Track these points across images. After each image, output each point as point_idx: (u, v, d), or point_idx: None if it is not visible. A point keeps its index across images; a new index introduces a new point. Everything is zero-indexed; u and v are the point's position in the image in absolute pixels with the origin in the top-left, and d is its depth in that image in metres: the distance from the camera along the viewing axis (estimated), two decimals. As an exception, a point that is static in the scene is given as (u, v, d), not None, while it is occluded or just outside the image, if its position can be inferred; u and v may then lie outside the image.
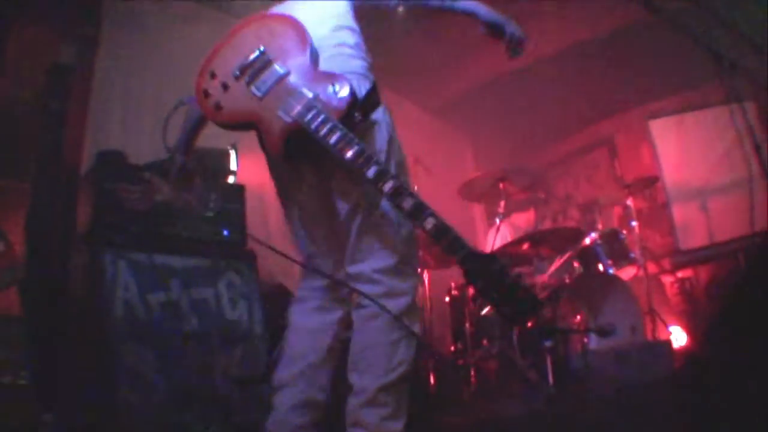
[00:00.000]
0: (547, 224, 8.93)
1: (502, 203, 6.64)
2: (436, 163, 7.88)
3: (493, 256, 2.57)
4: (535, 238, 6.41)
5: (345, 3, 3.41)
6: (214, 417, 4.28)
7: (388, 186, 2.66)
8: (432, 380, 6.19)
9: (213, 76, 3.06)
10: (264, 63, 2.99)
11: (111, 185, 4.52)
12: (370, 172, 2.69)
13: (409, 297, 3.07)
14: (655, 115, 8.55)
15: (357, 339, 3.08)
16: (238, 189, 5.19)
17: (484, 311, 6.35)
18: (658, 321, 6.50)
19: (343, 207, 3.12)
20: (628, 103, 9.04)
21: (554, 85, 8.41)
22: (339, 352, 3.30)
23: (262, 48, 3.03)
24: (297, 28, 3.08)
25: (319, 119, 2.75)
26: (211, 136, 3.67)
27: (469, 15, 3.36)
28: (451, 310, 6.86)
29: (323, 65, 3.09)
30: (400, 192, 2.66)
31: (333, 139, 2.72)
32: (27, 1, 5.68)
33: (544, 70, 8.45)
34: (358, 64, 3.24)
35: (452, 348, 6.57)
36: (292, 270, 4.62)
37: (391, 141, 3.18)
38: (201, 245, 4.78)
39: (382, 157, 3.05)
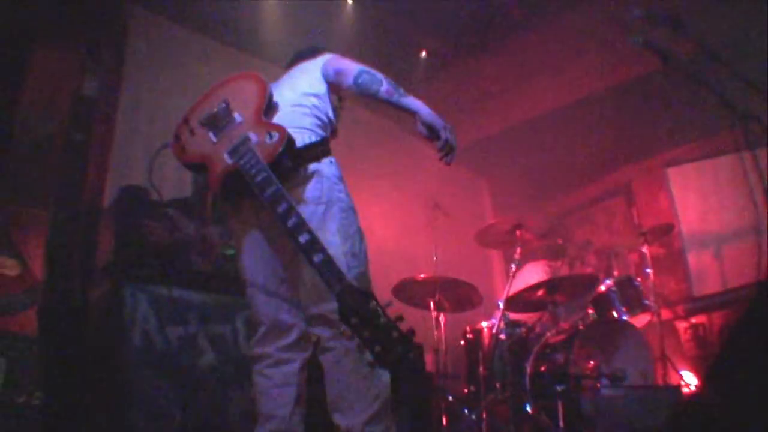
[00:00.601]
0: (564, 270, 8.96)
1: (519, 250, 6.67)
2: (454, 207, 7.95)
3: (369, 293, 2.57)
4: (550, 284, 6.45)
5: (320, 78, 3.73)
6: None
7: (291, 222, 2.85)
8: (444, 422, 6.21)
9: (186, 123, 3.47)
10: (226, 113, 3.39)
11: (134, 220, 4.64)
12: (280, 208, 2.90)
13: None
14: (673, 163, 8.59)
15: (330, 382, 3.23)
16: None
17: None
18: (669, 366, 6.51)
19: (287, 253, 3.39)
20: (647, 150, 9.04)
21: (573, 133, 8.47)
22: (305, 395, 3.45)
23: (226, 100, 3.43)
24: (259, 83, 3.55)
25: (252, 162, 3.06)
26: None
27: (412, 113, 3.54)
28: (465, 354, 6.89)
29: (278, 119, 3.45)
30: (299, 228, 2.82)
31: (258, 179, 3.00)
32: (49, 30, 5.79)
33: (563, 118, 8.52)
34: (308, 120, 3.55)
35: (465, 391, 6.59)
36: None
37: (331, 190, 3.39)
38: (220, 282, 4.87)
39: (320, 206, 3.31)
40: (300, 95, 3.65)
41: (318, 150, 3.44)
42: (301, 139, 3.38)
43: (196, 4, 7.12)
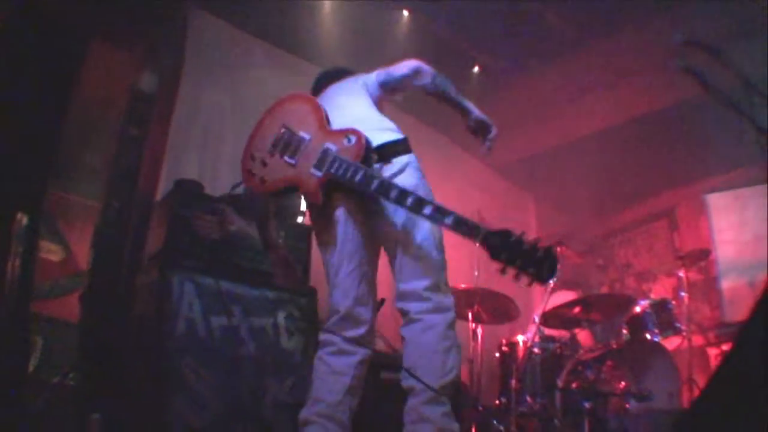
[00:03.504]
0: (604, 290, 9.00)
1: (559, 267, 6.73)
2: (499, 221, 8.01)
3: (507, 230, 2.93)
4: (587, 302, 6.52)
5: (370, 92, 4.03)
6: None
7: (409, 201, 3.15)
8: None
9: (253, 158, 3.68)
10: (291, 135, 3.63)
11: (186, 212, 4.80)
12: (393, 194, 3.20)
13: (453, 312, 3.51)
14: (714, 189, 8.66)
15: (411, 350, 3.43)
16: (306, 229, 5.43)
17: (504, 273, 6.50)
18: (696, 390, 6.55)
19: (387, 241, 3.64)
20: (690, 176, 9.02)
21: (620, 154, 8.47)
22: (359, 389, 3.62)
23: (285, 125, 3.68)
24: (308, 100, 3.83)
25: (344, 166, 3.33)
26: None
27: (467, 111, 4.01)
28: (500, 366, 6.99)
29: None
30: (420, 203, 3.14)
31: (357, 177, 3.28)
32: (108, 25, 5.92)
33: (611, 138, 8.55)
34: (384, 124, 3.80)
35: (497, 402, 6.68)
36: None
37: (423, 180, 3.66)
38: (265, 277, 5.01)
39: (419, 191, 3.44)
40: (365, 109, 3.91)
41: (404, 145, 3.68)
42: (387, 136, 3.66)
43: (255, 9, 7.26)
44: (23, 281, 4.10)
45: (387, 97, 4.09)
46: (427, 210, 3.10)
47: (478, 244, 2.99)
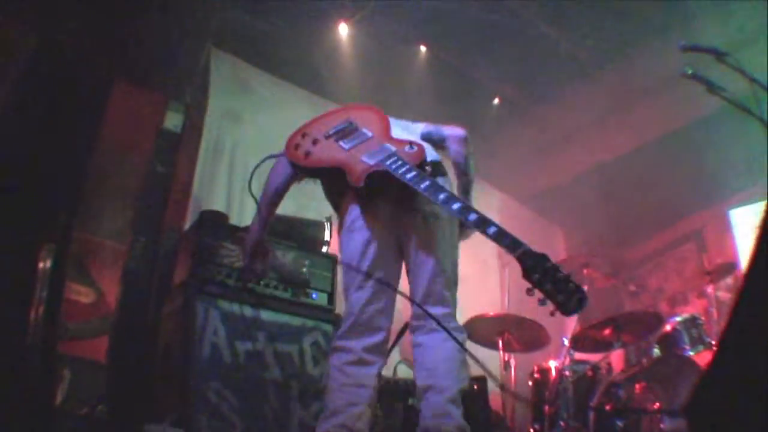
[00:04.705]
0: (634, 315, 8.94)
1: (586, 288, 6.72)
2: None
3: (545, 255, 2.86)
4: (617, 323, 6.48)
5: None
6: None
7: (456, 206, 3.15)
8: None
9: (304, 135, 3.86)
10: (352, 128, 3.83)
11: (210, 242, 4.88)
12: (441, 198, 3.19)
13: (466, 333, 3.61)
14: (738, 204, 8.60)
15: (432, 354, 3.52)
16: (330, 259, 5.51)
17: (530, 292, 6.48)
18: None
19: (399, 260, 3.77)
20: (714, 194, 8.88)
21: (643, 178, 8.48)
22: (377, 400, 3.64)
23: (350, 120, 3.90)
24: (379, 112, 4.00)
25: (398, 164, 3.40)
26: (309, 209, 4.09)
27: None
28: (533, 393, 6.96)
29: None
30: (466, 209, 3.12)
31: (409, 175, 3.32)
32: (131, 67, 6.03)
33: (630, 163, 8.54)
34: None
35: (531, 430, 6.65)
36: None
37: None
38: (290, 305, 5.10)
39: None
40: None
41: (444, 167, 3.85)
42: (432, 155, 3.81)
43: (274, 49, 7.46)
44: (48, 322, 4.15)
45: None
46: (472, 216, 3.08)
47: (515, 258, 2.92)
